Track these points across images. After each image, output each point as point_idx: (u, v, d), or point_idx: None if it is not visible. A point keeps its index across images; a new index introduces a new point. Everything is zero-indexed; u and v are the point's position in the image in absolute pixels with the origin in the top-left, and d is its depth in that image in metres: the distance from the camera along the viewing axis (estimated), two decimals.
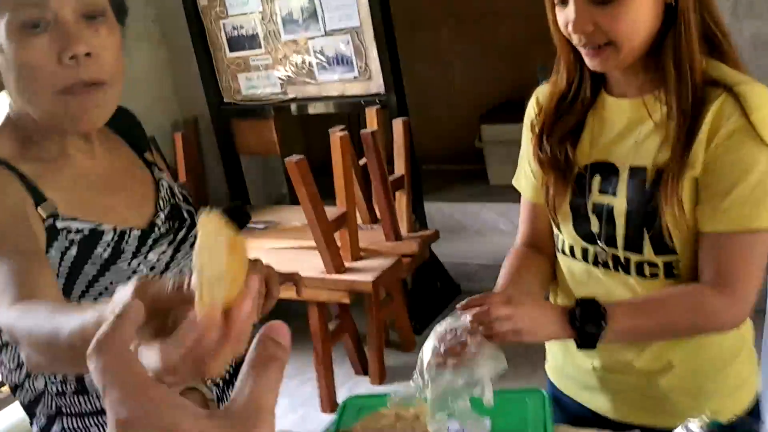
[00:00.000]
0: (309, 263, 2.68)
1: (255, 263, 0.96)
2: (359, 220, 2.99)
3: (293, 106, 3.45)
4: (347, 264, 2.73)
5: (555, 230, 1.20)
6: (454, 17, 4.49)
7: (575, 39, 1.02)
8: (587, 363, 1.19)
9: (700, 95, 1.00)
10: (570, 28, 1.01)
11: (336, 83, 3.26)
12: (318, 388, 2.83)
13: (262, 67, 3.42)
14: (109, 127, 1.11)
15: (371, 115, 3.08)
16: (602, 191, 1.10)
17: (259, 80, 3.46)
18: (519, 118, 1.26)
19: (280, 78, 3.39)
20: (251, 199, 3.84)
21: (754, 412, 1.15)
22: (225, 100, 3.59)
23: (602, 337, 1.00)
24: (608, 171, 1.10)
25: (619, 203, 1.07)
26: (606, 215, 1.09)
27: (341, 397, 2.79)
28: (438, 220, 3.69)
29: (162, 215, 1.11)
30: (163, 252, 1.09)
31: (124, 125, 1.17)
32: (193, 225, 1.15)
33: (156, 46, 3.63)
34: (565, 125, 1.13)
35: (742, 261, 1.00)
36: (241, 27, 3.38)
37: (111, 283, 1.02)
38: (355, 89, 3.23)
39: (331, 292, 2.70)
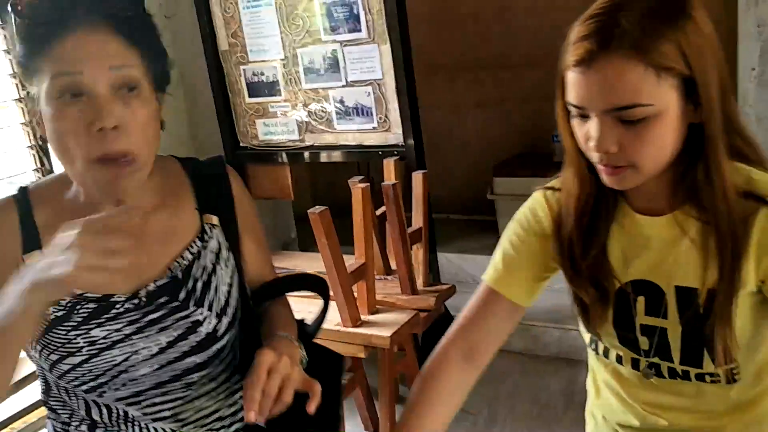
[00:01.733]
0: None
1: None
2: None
3: (308, 153, 3.44)
4: (363, 317, 2.69)
5: (591, 341, 1.16)
6: (470, 67, 4.53)
7: (595, 157, 0.99)
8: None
9: (737, 210, 0.98)
10: (591, 144, 0.96)
11: (354, 133, 3.26)
12: None
13: (280, 114, 3.43)
14: (188, 177, 1.13)
15: (389, 166, 3.08)
16: (649, 313, 1.07)
17: (277, 126, 3.46)
18: (532, 171, 1.23)
19: (298, 124, 3.39)
20: None
21: None
22: (241, 144, 3.59)
23: None
24: (652, 291, 1.06)
25: (672, 326, 1.05)
26: (658, 337, 1.07)
27: None
28: (448, 271, 3.67)
29: (152, 286, 1.06)
30: (117, 330, 1.04)
31: (207, 178, 1.16)
32: (180, 308, 1.07)
33: (174, 88, 3.63)
34: (597, 241, 1.08)
35: None
36: (262, 73, 3.39)
37: (50, 342, 1.02)
38: (374, 139, 3.23)
39: (347, 346, 2.66)
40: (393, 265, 2.97)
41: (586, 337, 1.18)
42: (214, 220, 1.15)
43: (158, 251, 1.09)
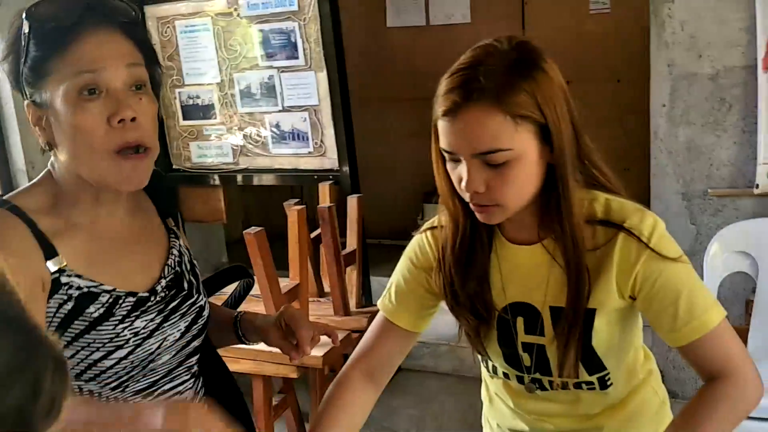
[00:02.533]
0: None
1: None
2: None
3: (241, 176, 3.48)
4: None
5: (482, 358, 1.28)
6: (401, 98, 4.67)
7: (467, 196, 1.08)
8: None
9: (594, 235, 1.09)
10: (463, 185, 1.06)
11: (289, 157, 3.32)
12: None
13: (214, 137, 3.46)
14: (144, 189, 1.19)
15: (324, 190, 3.15)
16: (528, 332, 1.18)
17: (211, 149, 3.49)
18: None
19: (233, 147, 3.42)
20: None
21: None
22: (174, 166, 3.59)
23: None
24: (529, 312, 1.17)
25: (549, 342, 1.16)
26: (537, 353, 1.18)
27: None
28: (379, 294, 3.72)
29: (164, 282, 1.17)
30: (151, 320, 1.14)
31: (156, 188, 1.24)
32: (189, 296, 1.20)
33: None
34: (474, 272, 1.17)
35: (726, 349, 1.10)
36: (197, 96, 3.42)
37: (94, 341, 1.08)
38: (309, 164, 3.30)
39: (278, 366, 2.68)
40: (327, 288, 3.02)
41: (489, 367, 1.29)
42: (172, 223, 1.26)
43: (149, 250, 1.19)
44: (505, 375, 1.25)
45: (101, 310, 1.08)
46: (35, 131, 1.09)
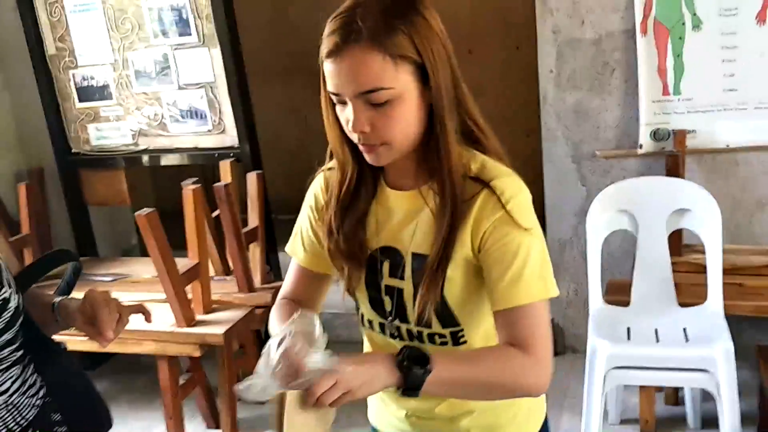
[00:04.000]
0: (159, 316, 2.66)
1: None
2: (212, 272, 3.00)
3: (145, 158, 3.42)
4: (198, 317, 2.73)
5: (356, 305, 1.31)
6: (306, 69, 4.63)
7: (354, 137, 1.12)
8: (401, 412, 1.31)
9: (463, 189, 1.13)
10: (350, 126, 1.10)
11: (189, 135, 3.28)
12: None
13: (113, 118, 3.39)
14: None
15: (225, 167, 3.13)
16: (392, 275, 1.21)
17: (110, 131, 3.42)
18: None
19: (131, 129, 3.37)
20: (99, 251, 3.73)
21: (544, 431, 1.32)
22: (73, 149, 3.50)
23: (426, 382, 1.06)
24: (395, 256, 1.21)
25: (407, 287, 1.19)
26: (397, 297, 1.21)
27: None
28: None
29: None
30: None
31: None
32: None
33: None
34: (354, 216, 1.22)
35: (532, 328, 1.12)
36: (92, 77, 3.34)
37: None
38: (209, 142, 3.27)
39: (181, 346, 2.69)
40: (232, 267, 3.02)
41: (359, 315, 1.31)
42: None
43: None
44: (370, 324, 1.27)
45: None
46: None
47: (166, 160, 3.42)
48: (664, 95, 2.77)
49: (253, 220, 3.06)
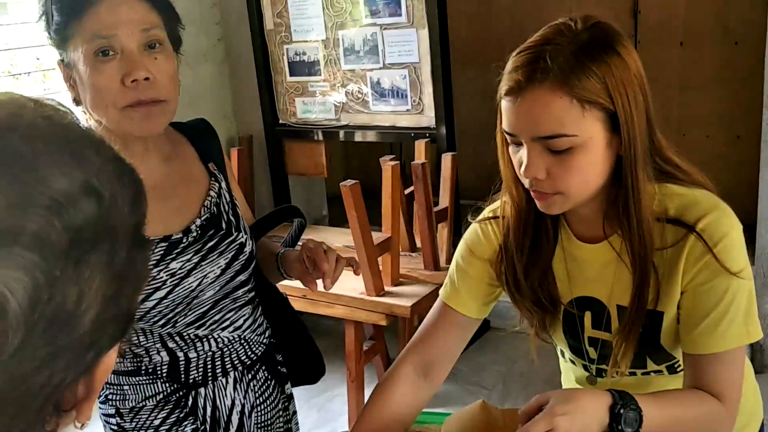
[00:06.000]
0: (348, 284, 2.78)
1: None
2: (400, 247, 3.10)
3: (343, 133, 3.58)
4: (387, 288, 2.83)
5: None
6: (504, 55, 4.61)
7: (526, 182, 1.03)
8: None
9: (662, 235, 1.03)
10: (523, 170, 1.01)
11: (388, 114, 3.39)
12: (347, 406, 2.91)
13: (319, 93, 3.57)
14: (184, 135, 1.29)
15: (420, 147, 3.20)
16: (594, 327, 1.14)
17: (315, 105, 3.61)
18: None
19: (335, 104, 3.53)
20: None
21: None
22: (280, 121, 3.74)
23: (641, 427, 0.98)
24: (596, 307, 1.13)
25: (617, 339, 1.10)
26: (601, 347, 1.15)
27: None
28: None
29: (198, 221, 1.25)
30: (188, 260, 1.22)
31: (198, 134, 1.33)
32: (227, 234, 1.28)
33: (220, 65, 3.80)
34: (539, 264, 1.13)
35: (725, 375, 1.04)
36: (304, 53, 3.54)
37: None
38: (406, 121, 3.36)
39: (369, 313, 2.80)
40: (418, 243, 3.09)
41: (558, 350, 1.28)
42: (213, 167, 1.33)
43: (187, 194, 1.28)
44: (572, 362, 1.23)
45: None
46: (67, 88, 1.19)
47: (362, 137, 3.56)
48: None
49: (444, 200, 3.11)
